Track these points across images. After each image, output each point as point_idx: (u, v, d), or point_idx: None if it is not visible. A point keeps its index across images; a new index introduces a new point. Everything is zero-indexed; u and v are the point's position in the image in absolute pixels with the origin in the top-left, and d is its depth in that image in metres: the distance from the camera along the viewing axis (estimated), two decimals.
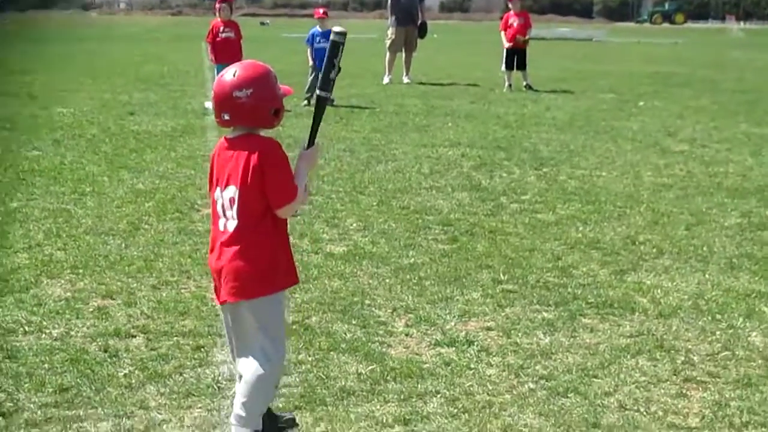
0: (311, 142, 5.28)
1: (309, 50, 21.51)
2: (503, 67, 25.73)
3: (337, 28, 5.29)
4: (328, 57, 5.27)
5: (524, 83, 25.38)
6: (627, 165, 14.17)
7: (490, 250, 9.35)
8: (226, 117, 4.99)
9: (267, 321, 5.09)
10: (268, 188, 4.97)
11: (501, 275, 8.53)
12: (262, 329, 5.06)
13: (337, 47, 5.25)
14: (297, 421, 5.54)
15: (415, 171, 13.40)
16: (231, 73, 4.98)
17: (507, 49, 25.44)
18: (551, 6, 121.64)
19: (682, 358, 6.65)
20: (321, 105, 5.33)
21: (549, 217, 10.74)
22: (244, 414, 5.10)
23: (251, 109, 4.95)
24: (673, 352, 6.77)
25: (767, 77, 31.14)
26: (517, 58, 25.35)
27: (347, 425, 5.56)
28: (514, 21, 25.66)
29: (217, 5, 20.57)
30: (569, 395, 6.01)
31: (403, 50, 27.41)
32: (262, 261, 5.03)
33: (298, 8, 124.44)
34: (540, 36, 48.87)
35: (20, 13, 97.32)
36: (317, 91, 5.34)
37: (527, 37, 25.78)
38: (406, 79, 26.98)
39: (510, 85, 25.25)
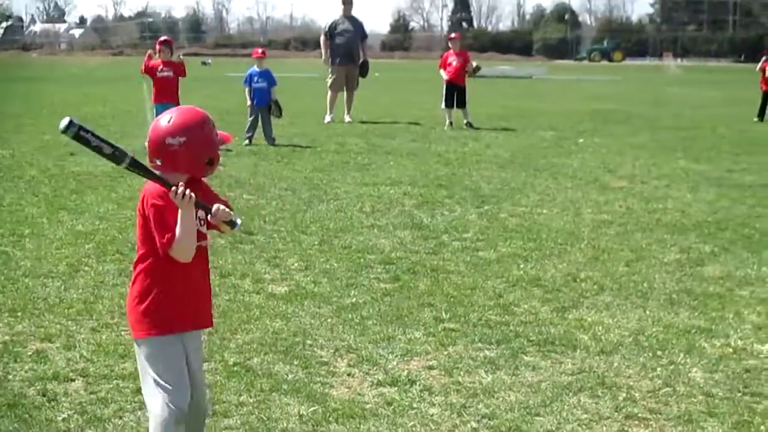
0: (166, 183, 4.79)
1: (247, 90, 21.56)
2: (443, 105, 25.89)
3: (62, 124, 4.57)
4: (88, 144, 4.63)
5: (465, 121, 25.51)
6: (567, 202, 14.26)
7: (432, 289, 9.36)
8: (158, 162, 4.87)
9: (142, 365, 5.03)
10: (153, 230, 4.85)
11: (443, 314, 8.53)
12: (140, 372, 5.04)
13: (79, 139, 4.59)
14: None
15: (357, 210, 13.41)
16: (166, 119, 4.87)
17: (447, 86, 25.61)
18: (491, 44, 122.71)
19: (624, 395, 6.67)
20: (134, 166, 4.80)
21: (490, 255, 10.77)
22: None
23: (183, 157, 4.83)
24: (614, 388, 6.79)
25: (704, 114, 31.56)
26: (456, 95, 25.53)
27: None
28: (453, 60, 25.86)
29: (158, 46, 20.51)
30: None
31: (345, 89, 27.47)
32: (138, 303, 4.97)
33: (239, 47, 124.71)
34: (480, 74, 49.22)
35: None
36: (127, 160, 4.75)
37: (475, 64, 26.03)
38: (347, 118, 27.02)
39: (450, 123, 25.38)
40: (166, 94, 19.73)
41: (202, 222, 4.97)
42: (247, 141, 20.85)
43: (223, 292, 9.15)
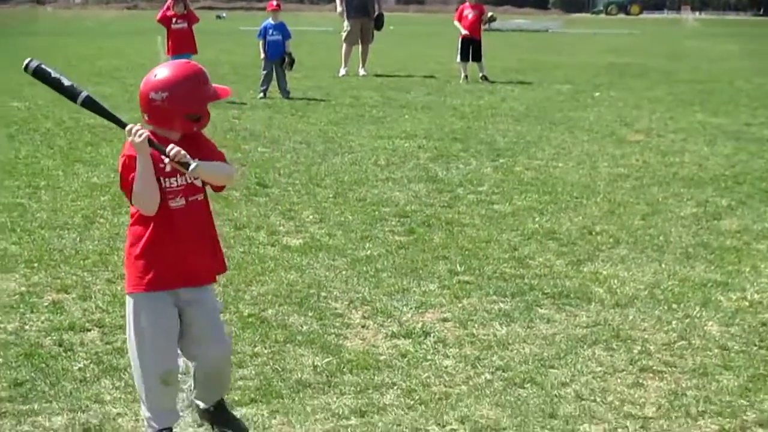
0: (119, 122, 4.84)
1: (261, 43, 21.43)
2: (458, 59, 25.76)
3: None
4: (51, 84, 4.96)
5: (480, 74, 25.39)
6: (583, 155, 14.21)
7: (446, 242, 9.35)
8: (146, 117, 4.85)
9: (126, 321, 5.04)
10: None
11: (458, 266, 8.53)
12: (127, 329, 5.05)
13: (38, 76, 4.92)
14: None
15: (372, 163, 13.38)
16: (154, 74, 4.84)
17: (462, 39, 25.45)
18: None
19: (639, 348, 6.67)
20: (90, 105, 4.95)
21: (505, 208, 10.75)
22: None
23: (165, 112, 4.78)
24: (629, 341, 6.79)
25: (722, 67, 31.32)
26: (472, 49, 25.38)
27: (303, 418, 5.54)
28: (469, 13, 25.70)
29: (170, 1, 20.49)
30: (526, 386, 6.02)
31: (359, 42, 27.34)
32: (127, 257, 4.98)
33: (254, 1, 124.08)
34: (495, 27, 48.90)
35: None
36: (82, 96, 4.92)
37: (490, 14, 25.89)
38: (362, 72, 26.92)
39: (466, 77, 25.28)
40: (183, 46, 19.89)
41: (194, 178, 4.88)
42: (261, 94, 20.80)
43: (237, 244, 9.16)
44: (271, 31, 21.28)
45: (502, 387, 5.99)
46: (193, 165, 4.75)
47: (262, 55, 21.27)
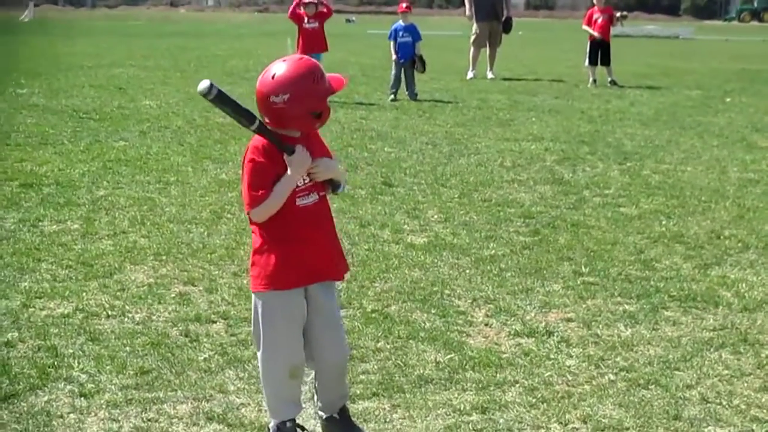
0: (286, 149, 4.77)
1: (392, 45, 21.49)
2: (587, 63, 25.55)
3: (200, 86, 4.60)
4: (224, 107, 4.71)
5: (609, 79, 25.16)
6: (713, 160, 13.98)
7: (571, 243, 9.27)
8: (266, 120, 4.77)
9: (253, 318, 5.07)
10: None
11: (582, 267, 8.46)
12: (256, 324, 5.08)
13: (216, 101, 4.66)
14: None
15: (498, 164, 13.35)
16: (270, 75, 4.72)
17: (591, 43, 25.24)
18: (638, 3, 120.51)
19: (767, 352, 6.53)
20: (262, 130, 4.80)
21: (632, 211, 10.63)
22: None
23: (289, 114, 4.72)
24: (757, 346, 6.66)
25: None
26: (601, 53, 25.15)
27: (425, 413, 5.54)
28: (599, 17, 25.46)
29: (304, 0, 20.68)
30: (650, 387, 5.93)
31: (488, 45, 27.28)
32: (253, 258, 4.99)
33: (383, 5, 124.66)
34: (625, 33, 48.39)
35: (110, 9, 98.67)
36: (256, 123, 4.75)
37: (620, 14, 25.61)
38: (490, 75, 26.88)
39: (594, 81, 25.07)
40: (314, 45, 20.17)
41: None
42: (392, 97, 20.86)
43: (362, 241, 9.21)
44: (401, 33, 21.34)
45: (626, 388, 5.92)
46: (341, 188, 4.96)
47: (393, 57, 21.34)
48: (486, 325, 7.05)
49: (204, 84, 4.56)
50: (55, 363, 6.18)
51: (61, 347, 6.46)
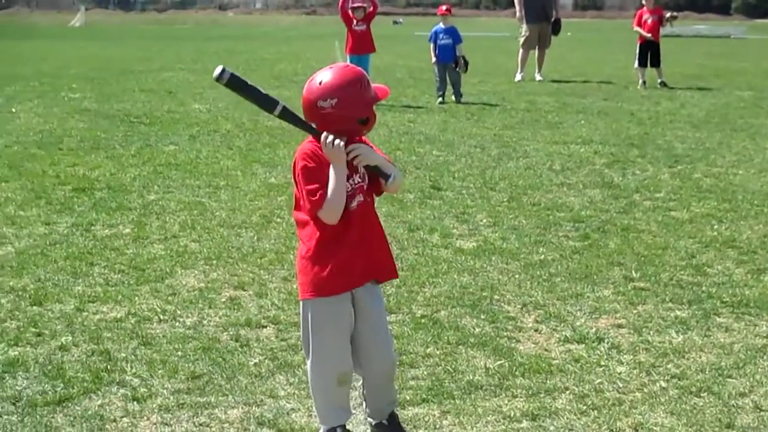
0: (315, 132, 4.85)
1: (431, 47, 21.55)
2: (636, 64, 25.38)
3: (216, 72, 4.83)
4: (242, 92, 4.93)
5: (659, 80, 25.00)
6: (765, 162, 13.85)
7: (622, 248, 9.22)
8: (314, 125, 4.83)
9: (302, 325, 5.11)
10: (300, 196, 4.90)
11: (633, 273, 8.41)
12: (304, 331, 5.11)
13: (232, 86, 4.89)
14: None
15: (547, 168, 13.30)
16: (318, 81, 4.77)
17: (640, 45, 25.07)
18: (688, 3, 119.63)
19: None
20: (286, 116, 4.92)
21: (683, 215, 10.55)
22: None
23: (336, 119, 4.74)
24: None
25: None
26: (650, 54, 24.98)
27: (474, 419, 5.54)
28: (648, 17, 25.30)
29: (352, 4, 20.80)
30: (702, 395, 5.89)
31: (537, 47, 27.19)
32: (300, 264, 5.02)
33: (430, 6, 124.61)
34: (675, 33, 48.12)
35: (159, 13, 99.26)
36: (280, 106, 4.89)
37: (670, 14, 25.53)
38: (538, 77, 26.80)
39: (644, 82, 24.91)
40: (363, 46, 20.55)
41: (364, 176, 4.96)
42: (440, 99, 20.87)
43: (411, 246, 9.22)
44: (441, 35, 21.36)
45: (678, 395, 5.88)
46: (392, 176, 4.86)
47: (433, 59, 21.37)
48: (536, 330, 7.03)
49: (217, 70, 4.78)
50: (108, 367, 6.25)
51: (114, 351, 6.52)
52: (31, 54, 35.35)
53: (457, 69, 21.05)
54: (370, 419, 5.34)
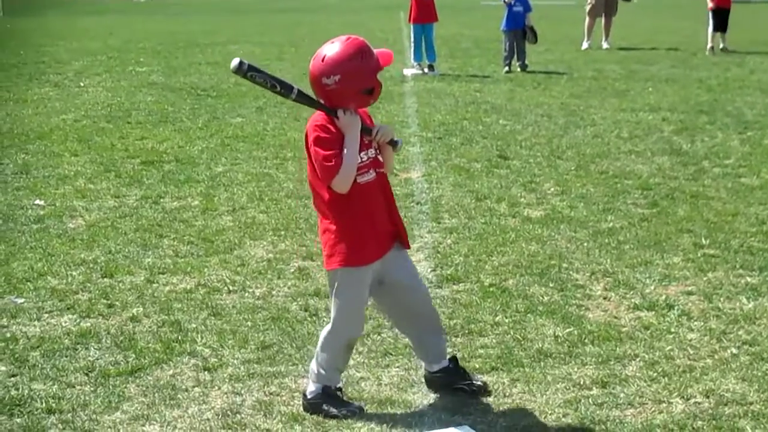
0: (330, 111, 5.03)
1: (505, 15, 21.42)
2: (710, 30, 24.88)
3: (233, 63, 5.04)
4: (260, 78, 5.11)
5: (721, 46, 24.65)
6: None
7: (691, 215, 9.15)
8: (322, 101, 5.02)
9: (332, 293, 5.25)
10: (315, 167, 5.04)
11: (702, 240, 8.34)
12: (331, 298, 5.26)
13: (250, 77, 5.09)
14: (488, 388, 5.52)
15: (614, 136, 13.20)
16: (321, 57, 4.95)
17: (712, 12, 24.67)
18: None
19: None
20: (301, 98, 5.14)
21: (753, 182, 10.44)
22: (311, 368, 5.36)
23: (341, 94, 4.95)
24: None
25: None
26: (720, 20, 24.59)
27: (544, 387, 5.54)
28: None
29: None
30: None
31: (603, 15, 26.90)
32: (323, 238, 5.18)
33: None
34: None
35: None
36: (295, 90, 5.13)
37: None
38: (605, 45, 26.53)
39: (712, 48, 24.54)
40: (426, 15, 20.58)
41: (378, 150, 5.14)
42: (506, 68, 20.74)
43: (479, 215, 9.21)
44: (514, 2, 21.23)
45: (749, 361, 5.84)
46: (400, 141, 5.17)
47: (504, 27, 21.24)
48: (605, 298, 7.00)
49: (234, 62, 4.98)
50: (179, 338, 6.32)
51: (184, 322, 6.60)
52: (98, 29, 35.58)
53: (527, 40, 20.92)
54: (433, 365, 5.48)
